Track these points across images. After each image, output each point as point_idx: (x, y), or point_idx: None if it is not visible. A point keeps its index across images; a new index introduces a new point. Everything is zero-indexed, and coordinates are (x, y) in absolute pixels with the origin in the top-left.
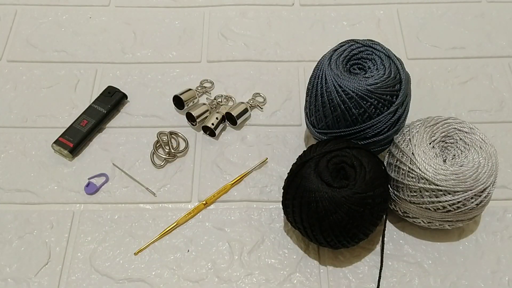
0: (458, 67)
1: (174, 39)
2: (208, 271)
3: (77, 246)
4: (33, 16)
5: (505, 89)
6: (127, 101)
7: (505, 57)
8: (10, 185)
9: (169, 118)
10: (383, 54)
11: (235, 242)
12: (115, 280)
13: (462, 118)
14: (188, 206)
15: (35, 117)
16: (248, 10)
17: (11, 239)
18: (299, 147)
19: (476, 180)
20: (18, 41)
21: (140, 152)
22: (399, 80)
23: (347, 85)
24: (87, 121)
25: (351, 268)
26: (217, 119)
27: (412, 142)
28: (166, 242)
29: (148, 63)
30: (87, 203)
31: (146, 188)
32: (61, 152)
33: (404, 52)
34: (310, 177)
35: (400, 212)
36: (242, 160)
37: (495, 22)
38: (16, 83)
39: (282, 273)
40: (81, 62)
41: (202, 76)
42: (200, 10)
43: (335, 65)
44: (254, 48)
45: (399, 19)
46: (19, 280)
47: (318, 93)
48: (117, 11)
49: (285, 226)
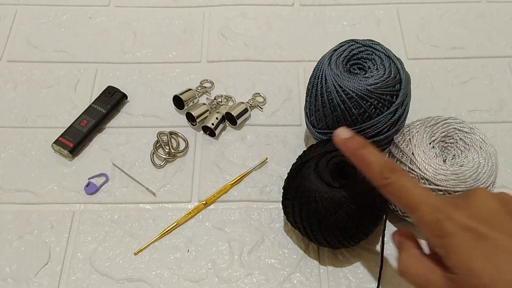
0: (458, 67)
1: (174, 39)
2: (208, 271)
3: (77, 246)
4: (33, 16)
5: (505, 89)
6: (127, 101)
7: (505, 57)
8: (10, 185)
9: (169, 118)
10: (383, 54)
11: (235, 242)
12: (115, 280)
13: (462, 118)
14: (188, 206)
15: (35, 117)
16: (248, 10)
17: (11, 239)
18: (299, 147)
19: (476, 180)
20: (18, 41)
21: (140, 152)
22: (399, 80)
23: (347, 85)
24: (87, 121)
25: (351, 268)
26: (217, 119)
27: (412, 142)
28: (166, 242)
29: (148, 63)
30: (87, 203)
31: (146, 188)
32: (61, 152)
33: (404, 52)
34: (310, 177)
35: (400, 212)
36: (242, 160)
37: (495, 22)
38: (16, 83)
39: (282, 273)
40: (81, 62)
41: (202, 76)
42: (200, 10)
43: (335, 65)
44: (254, 48)
45: (399, 19)
46: (19, 280)
47: (318, 93)
48: (117, 11)
49: (285, 226)
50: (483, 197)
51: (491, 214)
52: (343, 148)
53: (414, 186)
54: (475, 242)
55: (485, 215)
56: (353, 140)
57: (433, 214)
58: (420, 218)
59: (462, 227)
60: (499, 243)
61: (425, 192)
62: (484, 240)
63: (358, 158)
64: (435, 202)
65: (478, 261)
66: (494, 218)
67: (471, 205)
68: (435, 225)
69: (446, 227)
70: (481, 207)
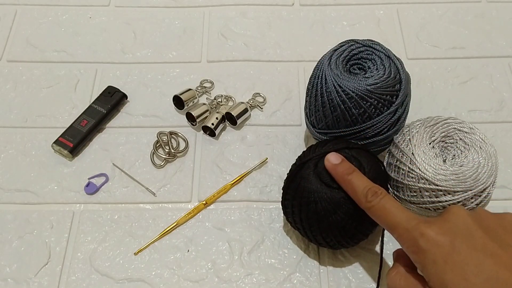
0: (458, 67)
1: (174, 39)
2: (208, 271)
3: (77, 246)
4: (33, 16)
5: (505, 89)
6: (127, 101)
7: (505, 57)
8: (10, 185)
9: (169, 118)
10: (383, 54)
11: (235, 242)
12: (115, 280)
13: (462, 118)
14: (188, 206)
15: (35, 117)
16: (248, 10)
17: (11, 239)
18: (299, 147)
19: (476, 180)
20: (18, 41)
21: (140, 152)
22: (399, 80)
23: (347, 85)
24: (87, 121)
25: (351, 268)
26: (217, 119)
27: (412, 142)
28: (166, 242)
29: (148, 63)
30: (87, 203)
31: (146, 188)
32: (61, 152)
33: (404, 52)
34: (309, 178)
35: None
36: (242, 160)
37: (495, 22)
38: (16, 83)
39: (282, 273)
40: (81, 62)
41: (202, 76)
42: (200, 10)
43: (335, 65)
44: (254, 48)
45: (399, 19)
46: (19, 280)
47: (318, 93)
48: (117, 11)
49: (285, 226)
50: (457, 213)
51: (464, 229)
52: (332, 173)
53: (395, 208)
54: (447, 256)
55: (458, 230)
56: (341, 166)
57: (409, 233)
58: (398, 236)
59: (434, 243)
60: (468, 257)
61: (403, 212)
62: (457, 254)
63: (345, 183)
64: (411, 221)
65: (449, 274)
66: (467, 233)
67: (446, 221)
68: (411, 242)
69: (420, 244)
70: (456, 222)
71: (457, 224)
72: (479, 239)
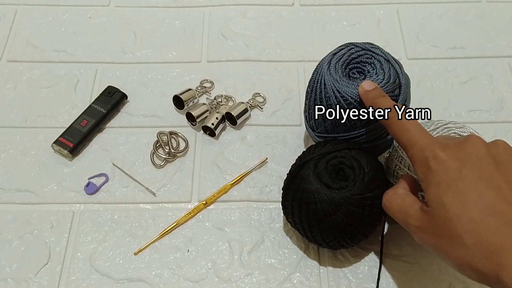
0: (458, 67)
1: (174, 39)
2: (208, 271)
3: (77, 246)
4: (33, 16)
5: (505, 89)
6: (127, 101)
7: (505, 57)
8: (10, 185)
9: (169, 118)
10: (383, 58)
11: (235, 242)
12: (115, 280)
13: (462, 118)
14: (188, 206)
15: (35, 117)
16: (248, 10)
17: (11, 239)
18: (299, 147)
19: None
20: (18, 41)
21: (140, 152)
22: (399, 84)
23: (346, 91)
24: (87, 121)
25: (351, 268)
26: (217, 119)
27: None
28: (166, 242)
29: (148, 63)
30: (87, 203)
31: (146, 188)
32: (61, 152)
33: (404, 52)
34: (309, 178)
35: None
36: (242, 160)
37: (495, 22)
38: (16, 83)
39: (282, 273)
40: (81, 62)
41: (202, 76)
42: (200, 10)
43: (334, 69)
44: (254, 48)
45: (399, 19)
46: (19, 280)
47: (317, 97)
48: (117, 11)
49: (285, 226)
50: (475, 143)
51: (476, 159)
52: (363, 98)
53: (414, 127)
54: (452, 181)
55: (470, 159)
56: (373, 92)
57: (423, 152)
58: (412, 155)
59: (443, 166)
60: (472, 186)
61: (421, 132)
62: (461, 180)
63: (374, 106)
64: (427, 141)
65: (449, 197)
66: (478, 163)
67: (461, 149)
68: (423, 161)
69: (430, 164)
70: (469, 151)
71: (471, 153)
72: (487, 171)
